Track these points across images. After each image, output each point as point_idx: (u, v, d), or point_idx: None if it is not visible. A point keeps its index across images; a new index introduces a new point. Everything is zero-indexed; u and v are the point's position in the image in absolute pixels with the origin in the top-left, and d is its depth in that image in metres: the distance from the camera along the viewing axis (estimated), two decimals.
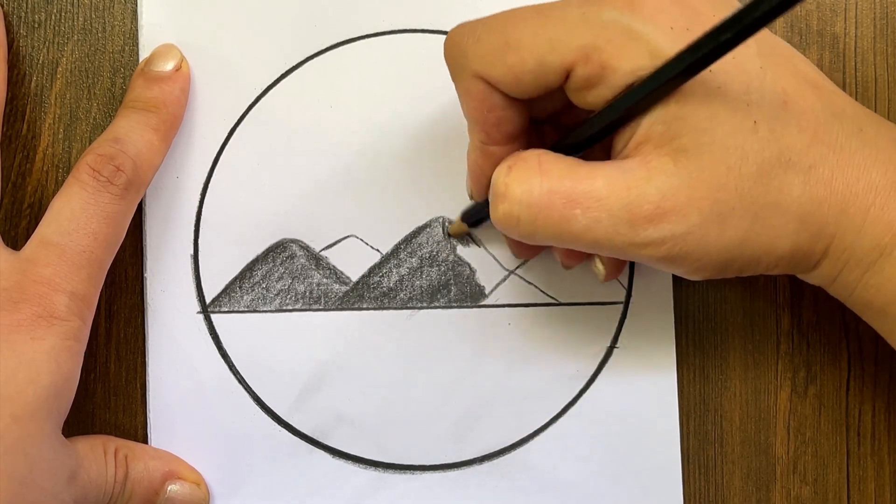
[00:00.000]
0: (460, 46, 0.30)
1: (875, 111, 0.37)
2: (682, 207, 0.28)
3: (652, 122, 0.28)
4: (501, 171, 0.29)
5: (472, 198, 0.35)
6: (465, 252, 0.37)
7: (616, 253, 0.29)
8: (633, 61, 0.28)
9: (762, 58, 0.29)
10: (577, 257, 0.35)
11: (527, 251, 0.36)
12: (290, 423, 0.37)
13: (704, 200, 0.28)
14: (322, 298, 0.37)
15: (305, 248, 0.37)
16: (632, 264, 0.37)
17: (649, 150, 0.28)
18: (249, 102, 0.37)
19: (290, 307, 0.37)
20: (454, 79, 0.31)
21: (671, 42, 0.27)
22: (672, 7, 0.28)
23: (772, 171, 0.28)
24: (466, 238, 0.37)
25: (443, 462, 0.37)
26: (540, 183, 0.29)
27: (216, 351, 0.37)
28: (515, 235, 0.30)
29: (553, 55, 0.28)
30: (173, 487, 0.35)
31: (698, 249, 0.29)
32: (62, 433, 0.32)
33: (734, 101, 0.28)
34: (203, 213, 0.37)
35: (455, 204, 0.37)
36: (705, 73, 0.28)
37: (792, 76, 0.30)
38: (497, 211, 0.29)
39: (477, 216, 0.36)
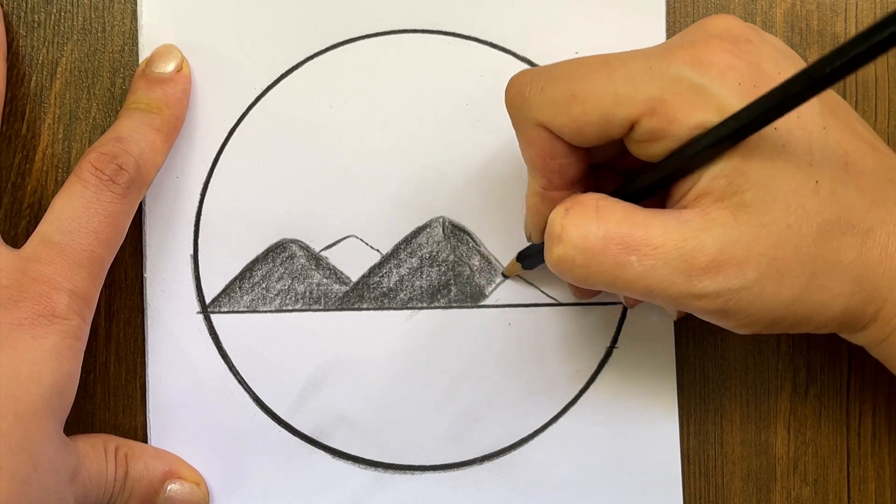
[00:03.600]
0: (523, 95, 0.30)
1: (875, 111, 0.38)
2: (739, 262, 0.28)
3: (714, 176, 0.28)
4: (558, 213, 0.29)
5: (529, 240, 0.35)
6: (465, 252, 0.37)
7: (669, 302, 0.29)
8: (700, 116, 0.28)
9: (824, 117, 0.29)
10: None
11: (587, 292, 0.36)
12: (290, 423, 0.37)
13: (763, 257, 0.28)
14: (322, 298, 0.37)
15: (305, 248, 0.37)
16: None
17: (709, 202, 0.28)
18: (249, 102, 0.37)
19: (290, 307, 0.37)
20: (516, 126, 0.31)
21: (739, 98, 0.27)
22: (739, 64, 0.28)
23: (831, 232, 0.29)
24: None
25: (443, 462, 0.37)
26: (597, 227, 0.29)
27: (216, 351, 0.37)
28: (569, 279, 0.30)
29: (619, 108, 0.28)
30: (173, 487, 0.35)
31: (752, 305, 0.29)
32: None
33: (797, 160, 0.28)
34: (203, 213, 0.37)
35: (455, 204, 0.37)
36: (769, 131, 0.28)
37: (851, 136, 0.30)
38: (552, 253, 0.29)
39: (533, 258, 0.35)
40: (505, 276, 0.37)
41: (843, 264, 0.29)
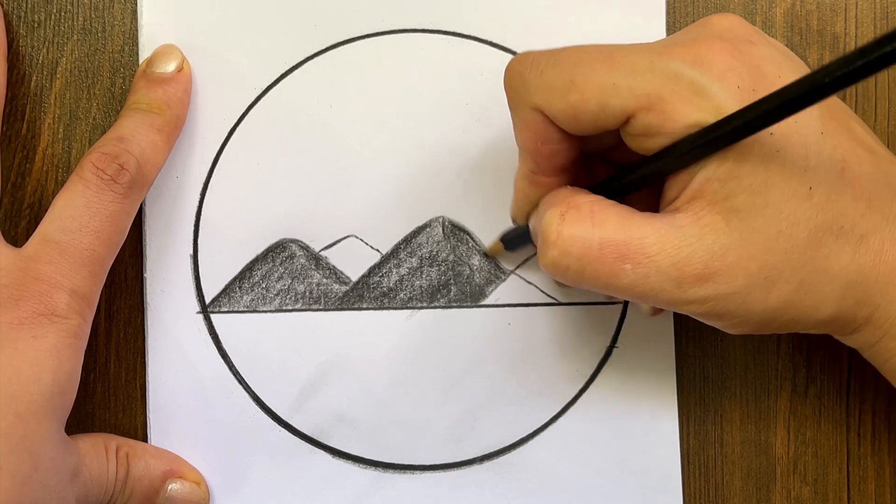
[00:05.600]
0: (522, 77, 0.30)
1: (875, 111, 0.38)
2: (729, 268, 0.28)
3: (707, 178, 0.28)
4: (554, 218, 0.29)
5: (514, 221, 0.35)
6: (465, 252, 0.37)
7: (658, 304, 0.29)
8: (696, 115, 0.28)
9: (823, 122, 0.29)
10: None
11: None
12: (290, 423, 0.37)
13: (752, 262, 0.28)
14: (322, 298, 0.37)
15: (305, 248, 0.37)
16: None
17: (702, 205, 0.28)
18: (249, 102, 0.37)
19: (289, 307, 0.37)
20: (512, 107, 0.31)
21: (737, 101, 0.27)
22: (740, 66, 0.28)
23: (822, 238, 0.29)
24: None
25: (443, 462, 0.37)
26: (592, 233, 0.29)
27: (216, 351, 0.37)
28: (560, 280, 0.30)
29: (616, 99, 0.28)
30: (174, 486, 0.35)
31: (740, 308, 0.29)
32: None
33: (792, 166, 0.28)
34: (203, 213, 0.37)
35: (455, 204, 0.37)
36: (765, 136, 0.28)
37: (849, 141, 0.30)
38: (546, 257, 0.29)
39: (517, 240, 0.35)
40: (486, 256, 0.37)
41: (835, 270, 0.29)
